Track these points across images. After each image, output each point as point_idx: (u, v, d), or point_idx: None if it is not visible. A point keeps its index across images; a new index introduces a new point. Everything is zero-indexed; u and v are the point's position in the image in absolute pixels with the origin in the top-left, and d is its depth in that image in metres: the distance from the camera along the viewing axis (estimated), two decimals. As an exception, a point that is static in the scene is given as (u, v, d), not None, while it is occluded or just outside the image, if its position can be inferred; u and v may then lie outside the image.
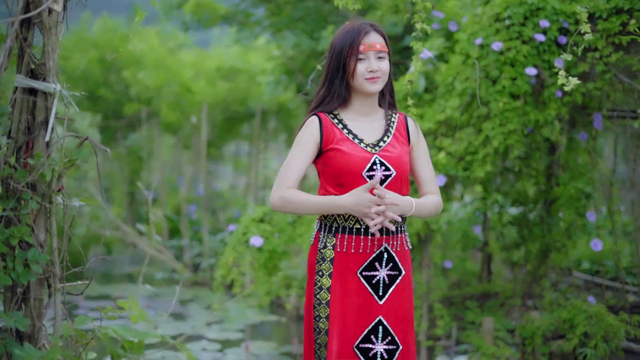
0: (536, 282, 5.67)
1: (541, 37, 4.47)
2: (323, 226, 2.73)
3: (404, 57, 6.20)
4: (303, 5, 7.32)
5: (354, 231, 2.66)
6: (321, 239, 2.73)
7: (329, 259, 2.70)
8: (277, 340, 6.51)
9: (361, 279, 2.68)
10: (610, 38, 4.34)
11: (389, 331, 2.69)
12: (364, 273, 2.68)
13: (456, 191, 5.92)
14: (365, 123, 2.77)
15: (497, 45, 4.54)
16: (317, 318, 2.72)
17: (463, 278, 6.59)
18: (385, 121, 2.79)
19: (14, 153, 2.19)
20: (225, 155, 14.69)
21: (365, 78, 2.69)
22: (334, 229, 2.69)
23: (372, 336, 2.68)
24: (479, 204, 5.74)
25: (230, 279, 5.79)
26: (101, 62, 11.47)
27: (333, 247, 2.69)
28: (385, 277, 2.69)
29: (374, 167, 2.66)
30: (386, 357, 2.68)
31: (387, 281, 2.70)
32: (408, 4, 5.83)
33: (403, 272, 2.73)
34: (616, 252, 5.15)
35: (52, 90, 2.15)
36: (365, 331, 2.67)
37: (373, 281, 2.68)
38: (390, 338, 2.69)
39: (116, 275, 9.93)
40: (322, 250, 2.71)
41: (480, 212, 6.21)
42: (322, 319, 2.70)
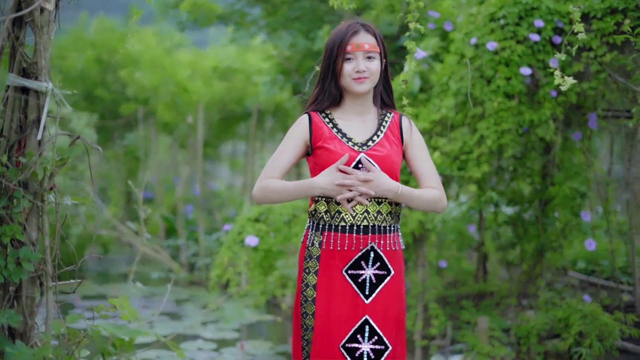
0: (531, 282, 5.68)
1: (536, 37, 4.47)
2: (312, 224, 2.77)
3: (400, 57, 6.20)
4: (299, 5, 7.32)
5: (340, 229, 2.68)
6: (310, 237, 2.76)
7: (316, 257, 2.72)
8: (273, 339, 6.51)
9: (347, 277, 2.69)
10: (604, 38, 4.35)
11: (376, 331, 2.68)
12: (350, 271, 2.69)
13: (451, 190, 5.92)
14: (356, 122, 2.79)
15: (492, 44, 4.55)
16: (304, 315, 2.74)
17: (459, 277, 6.59)
18: (377, 121, 2.80)
19: (6, 151, 2.20)
20: (221, 155, 14.69)
21: (352, 78, 2.70)
22: (321, 227, 2.72)
23: (359, 335, 2.67)
24: (474, 203, 5.75)
25: (225, 279, 5.79)
26: (98, 62, 11.47)
27: (320, 245, 2.72)
28: (372, 277, 2.69)
29: (359, 166, 2.69)
30: (373, 357, 2.67)
31: (374, 280, 2.69)
32: (404, 4, 5.83)
33: (392, 272, 2.72)
34: (611, 252, 5.16)
35: (44, 89, 2.16)
36: (351, 330, 2.67)
37: (359, 280, 2.69)
38: (377, 338, 2.68)
39: (113, 274, 9.93)
40: (310, 247, 2.75)
41: (475, 211, 6.22)
42: (309, 316, 2.72)
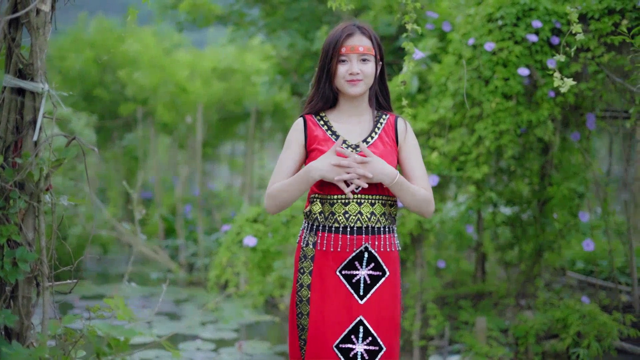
0: (530, 282, 5.68)
1: (534, 38, 4.47)
2: (307, 225, 2.78)
3: (398, 57, 6.20)
4: (297, 5, 7.33)
5: (333, 229, 2.69)
6: (304, 238, 2.77)
7: (310, 257, 2.73)
8: (271, 339, 6.52)
9: (341, 278, 2.69)
10: (602, 38, 4.35)
11: (370, 332, 2.68)
12: (344, 272, 2.69)
13: (450, 191, 5.93)
14: (351, 124, 2.79)
15: (490, 45, 4.55)
16: (300, 315, 2.75)
17: (457, 278, 6.60)
18: (373, 122, 2.80)
19: (3, 152, 2.20)
20: (220, 155, 14.70)
21: (346, 80, 2.71)
22: (315, 228, 2.73)
23: (353, 336, 2.67)
24: (473, 204, 5.75)
25: (224, 279, 5.80)
26: (97, 62, 11.48)
27: (314, 246, 2.73)
28: (366, 277, 2.70)
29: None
30: (367, 358, 2.67)
31: (369, 281, 2.70)
32: (402, 4, 5.83)
33: (387, 273, 2.72)
34: (610, 252, 5.16)
35: (40, 90, 2.16)
36: (345, 331, 2.67)
37: (353, 280, 2.69)
38: (371, 339, 2.68)
39: (112, 275, 9.93)
40: (305, 248, 2.76)
41: (473, 212, 6.22)
42: (304, 316, 2.74)
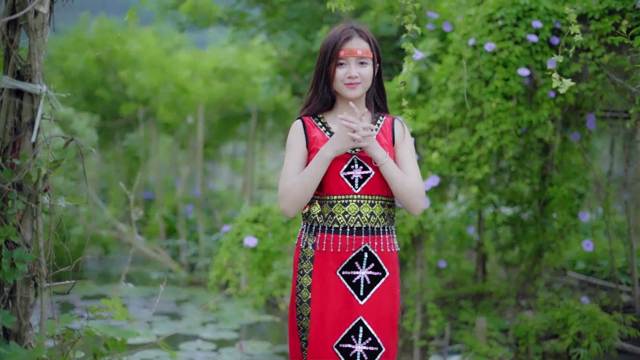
0: (530, 282, 5.68)
1: (534, 38, 4.47)
2: (306, 226, 2.79)
3: (399, 58, 6.20)
4: (298, 6, 7.34)
5: (333, 230, 2.69)
6: (303, 239, 2.77)
7: (310, 258, 2.73)
8: (272, 340, 6.52)
9: (341, 278, 2.70)
10: (602, 39, 4.35)
11: (370, 332, 2.68)
12: (344, 272, 2.70)
13: (450, 191, 5.93)
14: None
15: (490, 45, 4.55)
16: (300, 316, 2.76)
17: (458, 278, 6.60)
18: (370, 124, 2.81)
19: (1, 154, 2.21)
20: (222, 155, 14.71)
21: (344, 83, 2.72)
22: (314, 229, 2.73)
23: (353, 336, 2.68)
24: (473, 204, 5.75)
25: (225, 279, 5.80)
26: (98, 63, 11.50)
27: (313, 246, 2.73)
28: (366, 277, 2.70)
29: (352, 167, 2.71)
30: (366, 358, 2.68)
31: (369, 282, 2.70)
32: (402, 5, 5.83)
33: (387, 274, 2.73)
34: (610, 252, 5.16)
35: (38, 91, 2.17)
36: (345, 331, 2.67)
37: (353, 281, 2.70)
38: (371, 339, 2.68)
39: (113, 275, 9.94)
40: (304, 249, 2.76)
41: (474, 212, 6.22)
42: (305, 317, 2.74)
